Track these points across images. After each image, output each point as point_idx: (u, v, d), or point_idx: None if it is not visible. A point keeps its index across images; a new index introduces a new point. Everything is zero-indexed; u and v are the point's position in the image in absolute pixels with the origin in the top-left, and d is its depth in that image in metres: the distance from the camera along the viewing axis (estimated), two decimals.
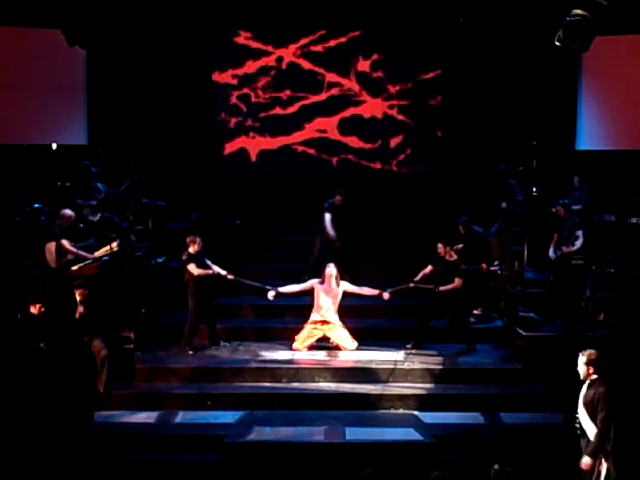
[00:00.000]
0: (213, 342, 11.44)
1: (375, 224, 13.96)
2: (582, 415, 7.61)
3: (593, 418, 7.50)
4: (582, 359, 7.67)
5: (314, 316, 11.20)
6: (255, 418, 9.79)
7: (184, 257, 11.14)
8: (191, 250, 11.13)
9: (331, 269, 11.21)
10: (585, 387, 7.68)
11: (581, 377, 7.68)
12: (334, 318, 11.19)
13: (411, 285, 11.33)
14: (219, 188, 14.13)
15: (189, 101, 14.72)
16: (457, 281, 11.09)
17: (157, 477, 6.73)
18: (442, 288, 11.07)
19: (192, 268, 11.06)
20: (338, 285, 11.22)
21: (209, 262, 11.26)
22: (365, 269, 13.03)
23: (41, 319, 9.77)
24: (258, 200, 14.65)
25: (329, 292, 11.21)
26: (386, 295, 11.26)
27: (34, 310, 9.77)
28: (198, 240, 11.15)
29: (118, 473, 8.59)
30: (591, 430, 7.53)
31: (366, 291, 11.40)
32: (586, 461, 7.55)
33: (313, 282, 11.31)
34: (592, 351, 7.71)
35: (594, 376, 7.62)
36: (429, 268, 11.34)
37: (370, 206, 14.23)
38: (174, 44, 14.46)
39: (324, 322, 11.18)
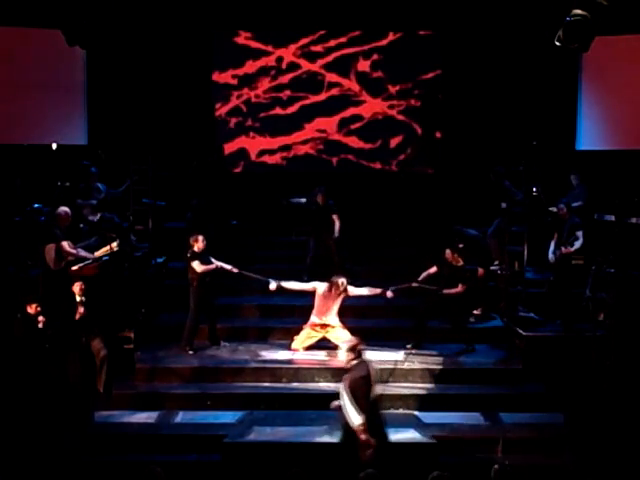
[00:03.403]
0: (213, 342, 11.44)
1: (375, 224, 13.95)
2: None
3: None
4: (345, 346, 8.79)
5: (313, 319, 11.13)
6: (255, 418, 9.79)
7: (188, 254, 11.18)
8: (195, 249, 11.17)
9: (342, 282, 11.00)
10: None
11: (344, 363, 8.61)
12: (334, 321, 11.13)
13: (414, 284, 11.31)
14: (219, 188, 14.12)
15: (189, 101, 14.72)
16: (460, 287, 11.10)
17: (160, 476, 6.73)
18: (446, 291, 11.08)
19: (196, 265, 11.08)
20: (344, 295, 11.12)
21: (213, 259, 11.29)
22: (365, 269, 13.01)
23: (39, 319, 9.78)
24: (258, 200, 14.64)
25: (332, 299, 11.09)
26: (389, 293, 11.20)
27: (31, 310, 9.78)
28: (201, 238, 11.18)
29: (118, 473, 8.60)
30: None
31: (368, 291, 11.32)
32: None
33: (317, 285, 11.17)
34: (354, 339, 8.80)
35: (354, 361, 8.47)
36: (434, 269, 11.31)
37: (370, 206, 14.22)
38: (174, 44, 14.45)
39: (323, 325, 11.12)
